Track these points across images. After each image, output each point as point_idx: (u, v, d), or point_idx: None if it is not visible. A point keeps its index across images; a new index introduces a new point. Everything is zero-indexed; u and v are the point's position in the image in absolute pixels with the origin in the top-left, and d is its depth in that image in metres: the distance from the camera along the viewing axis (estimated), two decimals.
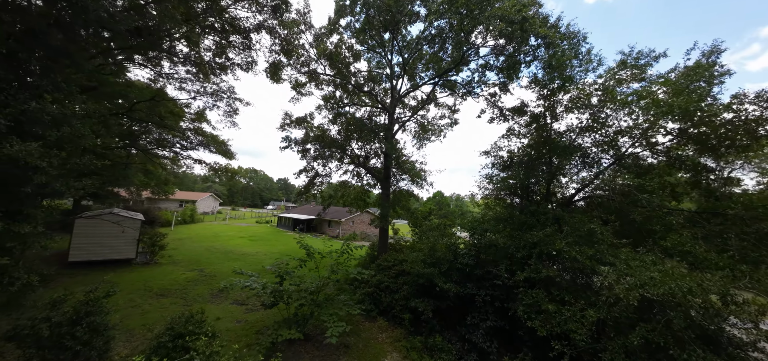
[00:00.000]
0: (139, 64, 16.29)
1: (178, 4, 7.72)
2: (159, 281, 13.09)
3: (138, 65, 16.48)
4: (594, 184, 9.95)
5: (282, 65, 14.53)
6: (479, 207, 18.26)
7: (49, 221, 16.28)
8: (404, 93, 16.73)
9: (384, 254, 12.41)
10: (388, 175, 14.79)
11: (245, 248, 22.97)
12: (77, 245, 13.71)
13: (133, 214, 17.95)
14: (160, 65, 16.45)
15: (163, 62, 16.33)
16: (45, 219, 4.45)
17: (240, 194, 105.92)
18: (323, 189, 18.54)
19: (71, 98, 4.84)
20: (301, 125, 17.22)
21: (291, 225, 36.50)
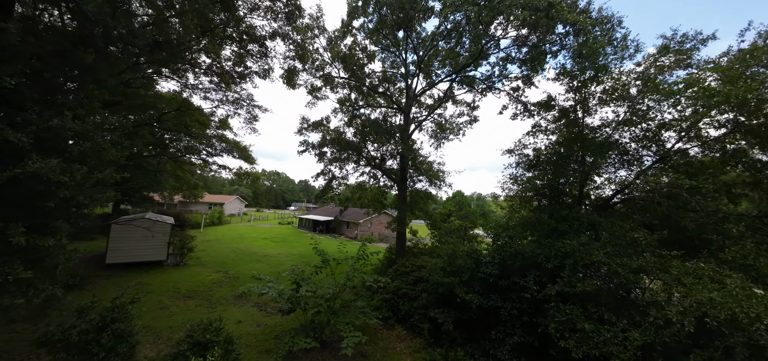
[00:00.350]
0: (166, 77, 17.24)
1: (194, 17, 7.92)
2: (187, 282, 13.67)
3: (165, 78, 17.45)
4: (634, 185, 8.93)
5: (297, 71, 14.65)
6: (502, 207, 17.38)
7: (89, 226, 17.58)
8: (420, 92, 16.26)
9: (402, 258, 12.07)
10: (404, 177, 14.42)
11: (268, 249, 23.61)
12: (113, 248, 14.68)
13: (164, 218, 18.98)
14: (186, 77, 17.29)
15: (188, 74, 17.16)
16: (69, 231, 4.60)
17: (264, 196, 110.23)
18: (340, 191, 18.56)
19: (93, 114, 5.02)
20: (317, 129, 17.32)
21: (311, 226, 37.18)
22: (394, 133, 14.17)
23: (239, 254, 20.77)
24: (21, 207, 3.96)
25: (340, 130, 17.32)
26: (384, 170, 16.50)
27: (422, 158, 14.20)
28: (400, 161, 14.72)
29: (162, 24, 7.62)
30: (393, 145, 15.79)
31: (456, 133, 18.23)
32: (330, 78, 16.03)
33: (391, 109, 17.32)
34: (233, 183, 75.69)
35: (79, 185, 4.59)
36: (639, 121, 9.31)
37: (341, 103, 17.61)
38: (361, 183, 20.13)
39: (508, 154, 11.57)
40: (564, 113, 10.39)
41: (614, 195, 9.00)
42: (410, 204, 14.81)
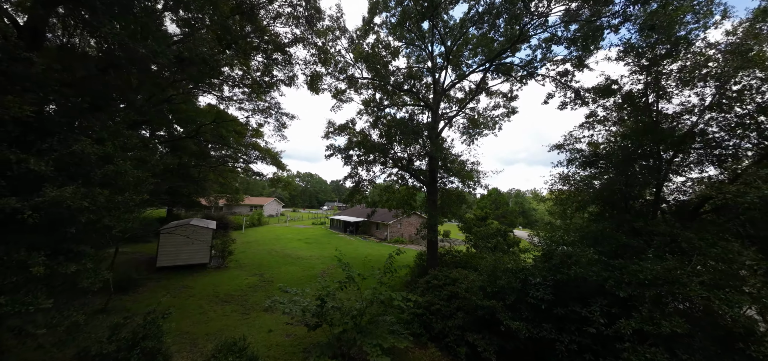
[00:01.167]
0: (203, 91, 18.30)
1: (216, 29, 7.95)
2: (225, 286, 14.25)
3: (203, 92, 18.54)
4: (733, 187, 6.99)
5: (320, 75, 14.43)
6: (545, 202, 15.57)
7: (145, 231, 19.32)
8: (449, 86, 15.05)
9: (434, 268, 11.18)
10: (434, 178, 13.41)
11: (301, 250, 24.15)
12: (163, 253, 15.89)
13: (206, 223, 20.29)
14: (221, 90, 18.21)
15: (223, 87, 18.05)
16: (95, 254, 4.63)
17: (299, 197, 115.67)
18: (368, 192, 18.14)
19: (118, 136, 5.08)
20: (343, 132, 17.05)
21: (342, 227, 37.61)
22: (422, 132, 13.24)
23: (275, 256, 21.47)
24: (44, 233, 4.00)
25: (366, 132, 16.86)
26: (412, 171, 15.67)
27: (453, 157, 13.05)
28: (428, 162, 13.75)
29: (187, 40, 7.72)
30: (420, 145, 14.89)
31: (491, 128, 16.68)
32: (353, 79, 15.59)
33: (417, 106, 16.38)
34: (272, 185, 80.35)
35: (102, 208, 4.58)
36: (732, 106, 7.31)
37: (366, 105, 17.13)
38: (389, 185, 19.55)
39: (557, 149, 10.00)
40: (629, 99, 8.59)
41: (704, 201, 7.09)
42: (441, 207, 13.78)
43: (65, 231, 3.96)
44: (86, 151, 4.06)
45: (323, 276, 16.56)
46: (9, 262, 3.47)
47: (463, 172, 12.45)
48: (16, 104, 3.66)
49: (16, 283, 3.51)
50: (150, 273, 15.43)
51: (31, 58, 4.17)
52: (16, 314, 3.39)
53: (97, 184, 4.41)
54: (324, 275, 16.66)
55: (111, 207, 4.57)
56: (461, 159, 13.89)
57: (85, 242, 4.51)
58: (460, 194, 13.07)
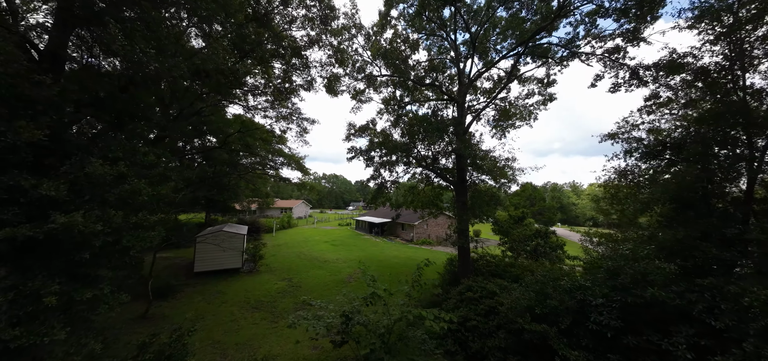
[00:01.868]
0: (230, 102, 18.95)
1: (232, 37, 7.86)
2: (256, 291, 14.53)
3: (230, 103, 19.21)
4: None
5: (338, 77, 14.09)
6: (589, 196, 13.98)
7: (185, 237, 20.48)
8: (475, 76, 13.90)
9: (466, 277, 10.28)
10: (463, 178, 12.41)
11: (328, 253, 24.26)
12: (200, 259, 16.67)
13: (238, 228, 21.08)
14: (246, 100, 18.73)
15: (248, 96, 18.56)
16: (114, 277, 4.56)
17: (326, 198, 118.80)
18: (392, 194, 17.55)
19: (132, 155, 5.04)
20: (364, 133, 16.62)
21: (367, 228, 37.49)
22: (447, 129, 12.33)
23: (303, 260, 21.74)
24: (61, 259, 3.95)
25: (387, 132, 16.27)
26: (437, 171, 14.78)
27: (483, 153, 11.95)
28: (456, 160, 12.76)
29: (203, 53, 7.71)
30: (446, 142, 13.97)
31: (525, 119, 15.22)
32: (372, 78, 15.06)
33: (440, 101, 15.41)
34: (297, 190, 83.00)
35: (118, 229, 4.48)
36: None
37: (386, 103, 16.53)
38: (413, 185, 18.80)
39: (611, 139, 8.60)
40: (703, 74, 7.03)
41: None
42: (471, 208, 12.75)
43: (80, 257, 3.88)
44: (97, 173, 3.97)
45: (350, 281, 16.34)
46: (25, 291, 3.42)
47: (495, 170, 11.33)
48: (28, 129, 3.62)
49: (31, 312, 3.45)
50: (188, 278, 16.28)
51: (45, 80, 4.16)
52: (31, 346, 3.30)
53: (113, 205, 4.34)
54: (351, 280, 16.43)
55: (127, 228, 4.49)
56: (492, 155, 12.74)
57: (103, 266, 4.49)
58: (493, 193, 11.92)
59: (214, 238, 16.87)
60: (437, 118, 12.91)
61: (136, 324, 10.60)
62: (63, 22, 5.58)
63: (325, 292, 14.40)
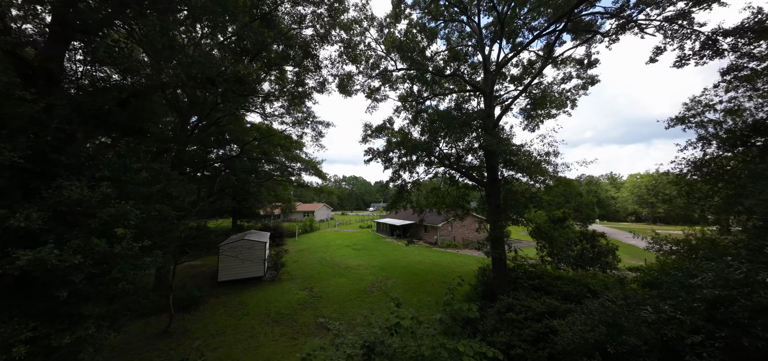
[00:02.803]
0: (249, 110, 18.97)
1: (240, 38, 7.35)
2: (277, 302, 14.15)
3: (250, 111, 19.25)
4: None
5: (351, 76, 13.31)
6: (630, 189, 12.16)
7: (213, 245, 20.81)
8: (503, 61, 12.46)
9: (504, 291, 9.00)
10: (494, 177, 11.05)
11: (349, 259, 23.66)
12: (223, 267, 16.70)
13: (260, 236, 21.06)
14: (264, 107, 18.66)
15: (265, 105, 18.48)
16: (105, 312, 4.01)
17: (347, 200, 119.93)
18: (413, 196, 16.49)
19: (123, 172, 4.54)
20: (381, 134, 15.74)
21: (388, 231, 36.62)
22: (471, 122, 11.05)
23: (324, 266, 21.31)
24: (39, 298, 3.44)
25: (405, 131, 15.28)
26: (462, 169, 13.50)
27: (515, 148, 10.51)
28: (485, 158, 11.41)
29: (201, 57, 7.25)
30: (472, 138, 12.68)
31: (561, 107, 13.49)
32: (387, 74, 14.11)
33: (464, 92, 14.09)
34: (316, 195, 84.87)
35: (105, 258, 3.93)
36: None
37: (403, 100, 15.52)
38: (436, 186, 17.61)
39: (680, 124, 6.96)
40: None
41: None
42: (504, 209, 11.35)
43: (56, 295, 3.35)
44: (73, 197, 3.43)
45: (372, 291, 15.52)
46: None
47: (533, 166, 9.88)
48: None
49: None
50: (212, 287, 16.36)
51: (25, 96, 3.70)
52: None
53: (97, 232, 3.83)
54: (373, 290, 15.60)
55: (114, 256, 3.96)
56: (527, 149, 11.26)
57: (91, 300, 3.99)
58: (532, 193, 10.44)
59: (233, 249, 16.85)
60: (461, 111, 11.65)
61: (159, 340, 10.51)
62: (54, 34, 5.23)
63: (346, 303, 13.69)
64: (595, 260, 13.24)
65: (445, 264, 20.87)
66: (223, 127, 18.52)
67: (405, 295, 14.33)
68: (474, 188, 16.87)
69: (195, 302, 13.51)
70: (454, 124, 10.70)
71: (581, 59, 13.04)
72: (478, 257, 23.62)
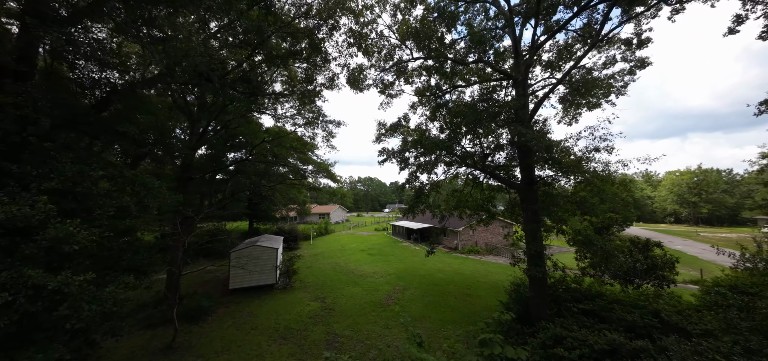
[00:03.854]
0: (259, 113, 18.45)
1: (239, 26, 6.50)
2: (287, 315, 13.30)
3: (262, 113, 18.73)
4: None
5: (362, 69, 12.18)
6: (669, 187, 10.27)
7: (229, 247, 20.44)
8: (536, 44, 10.85)
9: (544, 316, 7.48)
10: (531, 179, 9.45)
11: (364, 265, 22.61)
12: (234, 275, 16.13)
13: (272, 241, 20.45)
14: (275, 109, 18.05)
15: (276, 106, 17.86)
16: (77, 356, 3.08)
17: (362, 201, 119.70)
18: (432, 198, 15.12)
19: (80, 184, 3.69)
20: (396, 132, 14.52)
21: (405, 234, 35.28)
22: (502, 114, 9.58)
23: (338, 273, 20.39)
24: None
25: (423, 129, 13.99)
26: (488, 169, 11.99)
27: (555, 143, 8.89)
28: (519, 156, 9.86)
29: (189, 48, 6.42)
30: (498, 133, 11.19)
31: (603, 97, 11.66)
32: (402, 67, 12.88)
33: (488, 82, 12.57)
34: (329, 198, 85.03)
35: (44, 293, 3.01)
36: None
37: (420, 95, 14.19)
38: (457, 188, 16.15)
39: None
40: None
41: None
42: (543, 207, 9.72)
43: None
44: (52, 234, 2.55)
45: (389, 303, 14.29)
46: None
47: (580, 166, 8.26)
48: None
49: None
50: (223, 295, 15.84)
51: None
52: None
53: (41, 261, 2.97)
54: (389, 302, 14.38)
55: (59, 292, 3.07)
56: (565, 145, 9.62)
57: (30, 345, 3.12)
58: (582, 199, 8.79)
59: (244, 256, 16.23)
60: (488, 103, 10.16)
61: (162, 356, 9.88)
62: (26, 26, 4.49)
63: (360, 318, 12.58)
64: (648, 273, 11.26)
65: (468, 273, 19.24)
66: (234, 130, 18.09)
67: (425, 310, 13.00)
68: (500, 189, 15.24)
69: (203, 312, 12.93)
70: (481, 117, 9.26)
71: (629, 39, 11.22)
72: (503, 265, 21.74)
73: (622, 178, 11.30)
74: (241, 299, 15.27)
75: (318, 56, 11.60)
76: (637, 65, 11.37)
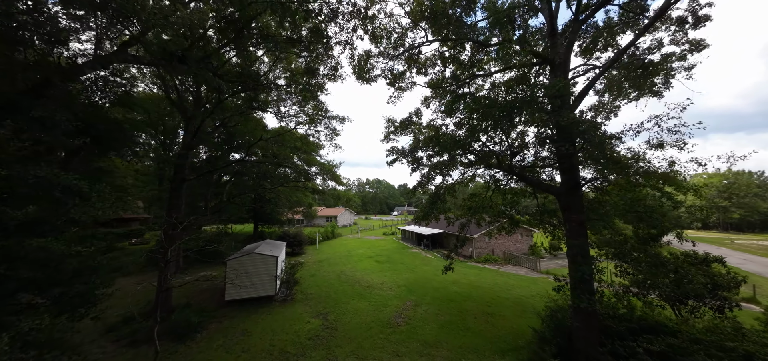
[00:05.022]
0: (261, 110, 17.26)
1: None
2: (284, 334, 11.89)
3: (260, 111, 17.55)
4: None
5: (370, 56, 10.73)
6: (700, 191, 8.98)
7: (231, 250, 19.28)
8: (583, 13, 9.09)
9: (593, 353, 5.76)
10: (575, 181, 7.68)
11: (372, 275, 21.00)
12: (230, 284, 14.85)
13: (273, 247, 19.06)
14: (278, 107, 16.84)
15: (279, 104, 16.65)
16: None
17: (370, 203, 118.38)
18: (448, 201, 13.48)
19: None
20: (406, 130, 13.01)
21: (415, 240, 33.56)
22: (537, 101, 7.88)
23: (343, 283, 18.90)
24: None
25: (437, 125, 12.45)
26: (515, 170, 10.30)
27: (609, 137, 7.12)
28: (557, 156, 8.12)
29: None
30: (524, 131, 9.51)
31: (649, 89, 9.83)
32: (414, 54, 11.38)
33: (511, 69, 10.87)
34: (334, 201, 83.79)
35: None
36: None
37: (434, 87, 12.67)
38: (475, 191, 14.49)
39: None
40: None
41: None
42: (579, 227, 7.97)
43: None
44: None
45: (399, 323, 12.61)
46: None
47: (638, 168, 6.51)
48: None
49: None
50: (218, 307, 14.60)
51: None
52: None
53: None
54: (399, 321, 12.71)
55: None
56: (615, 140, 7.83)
57: None
58: (649, 208, 7.00)
59: (237, 265, 14.96)
60: (520, 91, 8.44)
61: None
62: None
63: (365, 340, 11.02)
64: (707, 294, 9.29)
65: (487, 286, 17.36)
66: (233, 128, 16.96)
67: (440, 333, 11.33)
68: (523, 193, 13.46)
69: (192, 329, 11.64)
70: (512, 108, 7.60)
71: (682, 17, 9.40)
72: (525, 278, 19.77)
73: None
74: (236, 313, 13.95)
75: (319, 43, 10.23)
76: (693, 48, 9.54)
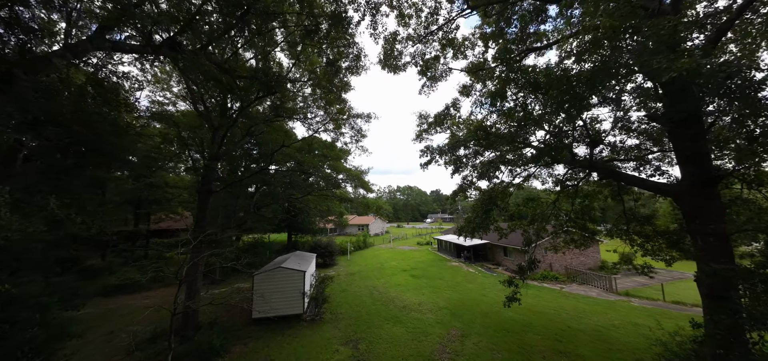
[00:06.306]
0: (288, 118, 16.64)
1: None
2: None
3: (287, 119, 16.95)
4: None
5: (397, 39, 9.06)
6: None
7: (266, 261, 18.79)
8: None
9: None
10: (708, 175, 5.05)
11: (407, 292, 18.91)
12: (257, 301, 13.99)
13: (300, 261, 17.97)
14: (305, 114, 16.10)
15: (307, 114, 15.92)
16: None
17: (402, 211, 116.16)
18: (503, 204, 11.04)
19: None
20: (442, 125, 11.06)
21: (454, 251, 30.66)
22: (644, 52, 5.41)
23: (376, 302, 17.13)
24: None
25: (478, 119, 10.32)
26: (598, 166, 7.72)
27: None
28: (670, 133, 5.48)
29: None
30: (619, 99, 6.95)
31: None
32: (448, 33, 9.45)
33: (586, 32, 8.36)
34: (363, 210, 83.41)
35: None
36: None
37: (473, 73, 10.56)
38: (530, 197, 11.94)
39: None
40: None
41: None
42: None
43: None
44: None
45: (442, 358, 10.38)
46: None
47: None
48: None
49: None
50: (245, 325, 13.79)
51: None
52: None
53: None
54: (443, 356, 10.44)
55: None
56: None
57: None
58: None
59: (263, 280, 14.02)
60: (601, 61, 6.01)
61: None
62: None
63: None
64: None
65: (551, 313, 14.10)
66: (259, 137, 16.52)
67: None
68: (596, 196, 10.51)
69: (214, 354, 10.78)
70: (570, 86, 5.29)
71: None
72: (599, 301, 16.01)
73: None
74: (262, 333, 12.93)
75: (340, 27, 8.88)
76: None
